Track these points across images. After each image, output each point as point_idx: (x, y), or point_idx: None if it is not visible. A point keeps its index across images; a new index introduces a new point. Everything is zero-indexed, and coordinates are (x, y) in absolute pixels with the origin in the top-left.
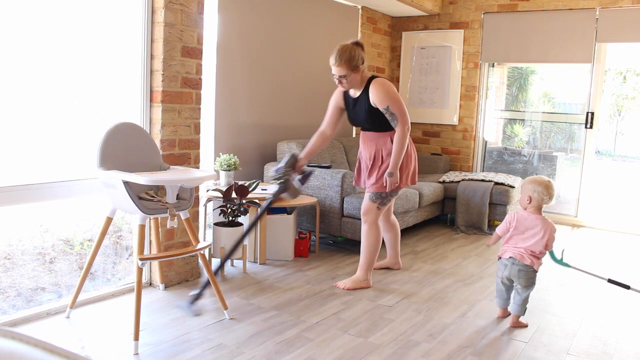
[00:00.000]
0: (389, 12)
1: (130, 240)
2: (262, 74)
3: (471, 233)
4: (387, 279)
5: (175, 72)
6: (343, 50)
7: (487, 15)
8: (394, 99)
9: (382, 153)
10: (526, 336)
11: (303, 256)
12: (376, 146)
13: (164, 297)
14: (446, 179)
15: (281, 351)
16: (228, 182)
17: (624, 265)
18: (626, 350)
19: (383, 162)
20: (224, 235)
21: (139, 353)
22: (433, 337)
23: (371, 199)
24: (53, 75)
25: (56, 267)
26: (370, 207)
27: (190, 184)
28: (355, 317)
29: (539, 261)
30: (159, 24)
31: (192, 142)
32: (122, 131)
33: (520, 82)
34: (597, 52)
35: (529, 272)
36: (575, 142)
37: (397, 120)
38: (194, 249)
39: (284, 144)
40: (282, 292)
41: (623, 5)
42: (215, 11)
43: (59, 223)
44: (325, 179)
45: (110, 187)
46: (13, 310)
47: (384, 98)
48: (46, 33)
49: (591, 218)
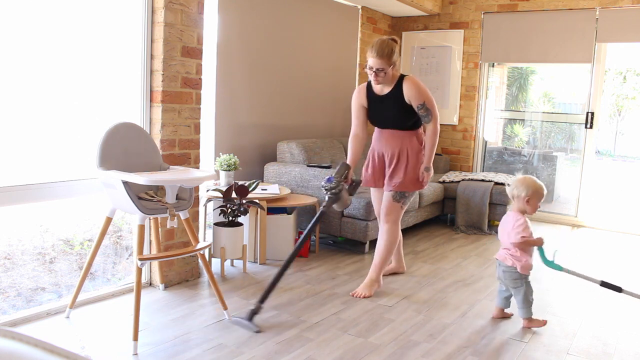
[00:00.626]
0: (389, 12)
1: (130, 240)
2: (262, 74)
3: (471, 233)
4: (387, 279)
5: (175, 72)
6: (384, 43)
7: (487, 15)
8: (428, 95)
9: (407, 152)
10: (526, 336)
11: (303, 256)
12: (401, 145)
13: (164, 297)
14: (446, 179)
15: (281, 351)
16: (228, 182)
17: (624, 266)
18: (626, 350)
19: (409, 161)
20: (224, 235)
21: (139, 353)
22: (433, 337)
23: (395, 199)
24: (53, 75)
25: (56, 267)
26: (393, 206)
27: (190, 184)
28: (355, 317)
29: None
30: (159, 24)
31: (192, 142)
32: (122, 131)
33: (520, 82)
34: (597, 52)
35: (513, 274)
36: (575, 142)
37: (431, 116)
38: (193, 249)
39: (284, 144)
40: (282, 292)
41: (623, 5)
42: (215, 11)
43: (59, 223)
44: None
45: (109, 187)
46: (13, 310)
47: (420, 94)
48: (46, 33)
49: (591, 218)
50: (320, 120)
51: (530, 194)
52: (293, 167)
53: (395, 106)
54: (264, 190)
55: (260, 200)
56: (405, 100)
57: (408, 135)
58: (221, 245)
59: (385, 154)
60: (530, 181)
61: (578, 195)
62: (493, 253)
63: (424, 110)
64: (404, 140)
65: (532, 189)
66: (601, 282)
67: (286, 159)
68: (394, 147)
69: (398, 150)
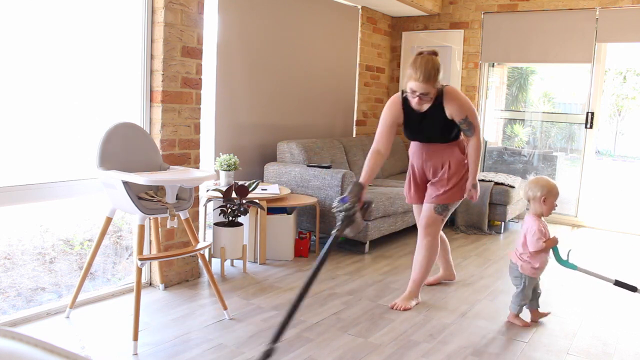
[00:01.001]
0: (389, 12)
1: (130, 240)
2: (262, 74)
3: (471, 233)
4: (387, 279)
5: (175, 72)
6: (430, 64)
7: (487, 15)
8: (470, 108)
9: (450, 163)
10: (526, 336)
11: (303, 256)
12: (443, 157)
13: (164, 297)
14: None
15: (281, 351)
16: (228, 182)
17: (625, 266)
18: (626, 350)
19: (452, 172)
20: (224, 235)
21: (139, 353)
22: (433, 337)
23: (437, 211)
24: (53, 75)
25: (56, 267)
26: (435, 219)
27: (190, 184)
28: (355, 317)
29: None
30: (159, 24)
31: (192, 142)
32: (122, 131)
33: (520, 82)
34: (597, 52)
35: (514, 271)
36: (575, 142)
37: (473, 130)
38: (193, 249)
39: (284, 144)
40: (282, 292)
41: (623, 5)
42: (215, 11)
43: (59, 223)
44: (325, 179)
45: (109, 187)
46: (13, 310)
47: (462, 109)
48: (46, 33)
49: (591, 218)
50: (320, 120)
51: (545, 193)
52: (293, 167)
53: (437, 123)
54: (264, 190)
55: (260, 200)
56: (446, 115)
57: (450, 147)
58: (221, 245)
59: (427, 169)
60: (544, 181)
61: (578, 195)
62: (493, 253)
63: (466, 124)
64: (446, 152)
65: (546, 188)
66: (615, 281)
67: (286, 159)
68: (437, 160)
69: (441, 163)
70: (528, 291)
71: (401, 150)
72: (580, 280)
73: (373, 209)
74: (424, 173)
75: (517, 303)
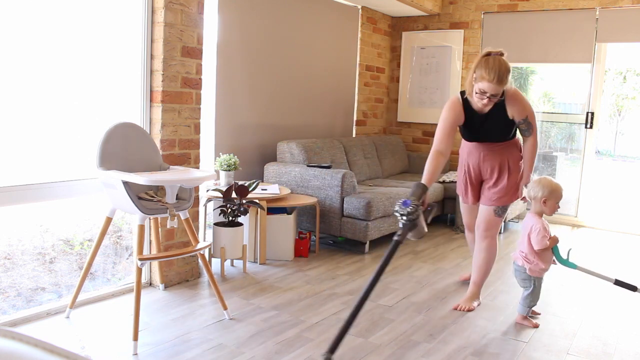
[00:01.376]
0: (389, 12)
1: (130, 240)
2: (262, 74)
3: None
4: (387, 279)
5: (175, 72)
6: (504, 66)
7: (487, 15)
8: (530, 109)
9: (508, 163)
10: (526, 336)
11: (303, 256)
12: (501, 157)
13: (164, 297)
14: (446, 179)
15: (281, 351)
16: (228, 182)
17: (625, 266)
18: (626, 350)
19: (511, 173)
20: (224, 235)
21: (139, 353)
22: (433, 337)
23: (497, 213)
24: (53, 75)
25: (56, 267)
26: (495, 221)
27: (190, 184)
28: None
29: (533, 265)
30: (159, 24)
31: (192, 142)
32: (122, 131)
33: (520, 82)
34: (597, 52)
35: (521, 273)
36: (575, 142)
37: (532, 130)
38: (193, 249)
39: (284, 144)
40: (282, 292)
41: (623, 5)
42: (215, 11)
43: (59, 223)
44: (325, 178)
45: (109, 187)
46: (13, 310)
47: (524, 110)
48: (46, 33)
49: (591, 218)
50: (320, 120)
51: (546, 194)
52: (293, 167)
53: (499, 123)
54: (264, 190)
55: (260, 200)
56: (508, 115)
57: (508, 146)
58: (221, 245)
59: (483, 169)
60: (546, 182)
61: (578, 195)
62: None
63: (525, 125)
64: (504, 152)
65: (548, 189)
66: (615, 280)
67: (286, 159)
68: (494, 160)
69: (499, 163)
70: (538, 292)
71: (401, 150)
72: (580, 280)
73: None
74: (480, 173)
75: (526, 305)
